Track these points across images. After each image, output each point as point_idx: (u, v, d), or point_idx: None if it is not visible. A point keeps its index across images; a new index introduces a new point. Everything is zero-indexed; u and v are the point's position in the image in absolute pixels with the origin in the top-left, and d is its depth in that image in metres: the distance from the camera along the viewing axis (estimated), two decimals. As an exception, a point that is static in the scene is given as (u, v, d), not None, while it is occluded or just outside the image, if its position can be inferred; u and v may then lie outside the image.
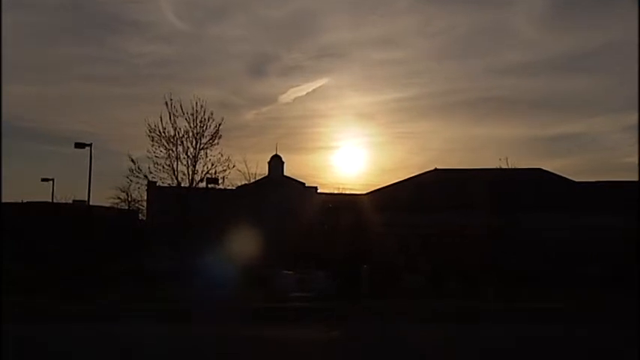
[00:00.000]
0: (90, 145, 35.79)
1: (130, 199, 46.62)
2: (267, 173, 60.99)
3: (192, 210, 40.09)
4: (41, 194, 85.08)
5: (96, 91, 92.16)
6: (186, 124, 39.07)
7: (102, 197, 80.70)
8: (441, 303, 24.72)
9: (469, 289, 30.18)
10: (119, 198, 47.36)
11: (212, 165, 38.93)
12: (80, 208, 43.80)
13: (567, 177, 43.99)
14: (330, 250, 38.89)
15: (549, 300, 25.56)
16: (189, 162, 38.87)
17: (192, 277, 31.82)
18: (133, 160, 38.43)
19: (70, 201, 49.82)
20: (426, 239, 37.81)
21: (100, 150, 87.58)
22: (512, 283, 31.68)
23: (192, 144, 39.01)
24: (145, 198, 48.75)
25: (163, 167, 38.45)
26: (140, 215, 50.56)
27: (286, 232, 42.08)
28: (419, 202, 41.05)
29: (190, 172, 38.89)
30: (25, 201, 52.74)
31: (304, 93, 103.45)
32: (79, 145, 36.12)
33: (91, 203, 37.66)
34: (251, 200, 44.36)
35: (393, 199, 42.77)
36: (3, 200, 36.09)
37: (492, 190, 40.09)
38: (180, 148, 38.89)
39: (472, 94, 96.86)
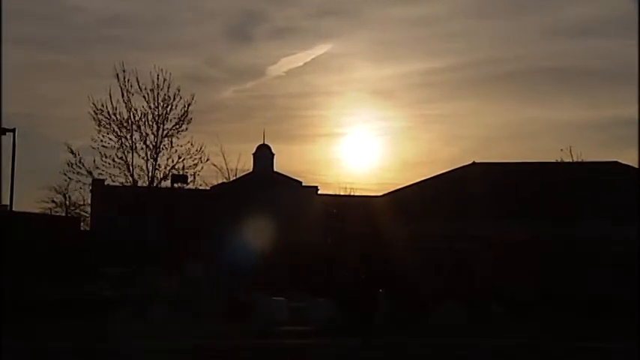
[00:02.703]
0: (13, 130, 35.75)
1: (68, 202, 47.03)
2: (251, 169, 61.21)
3: (153, 217, 40.22)
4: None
5: (22, 60, 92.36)
6: (145, 104, 39.39)
7: (30, 201, 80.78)
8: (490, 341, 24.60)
9: (521, 321, 30.28)
10: (53, 201, 47.84)
11: (179, 158, 39.26)
12: None
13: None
14: (334, 269, 39.23)
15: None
16: (149, 154, 39.19)
17: (150, 304, 31.97)
18: (72, 151, 38.67)
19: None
20: (462, 254, 37.88)
21: (28, 137, 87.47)
22: (578, 311, 31.76)
23: (152, 130, 39.32)
24: (89, 201, 49.03)
25: (114, 161, 38.73)
26: (82, 224, 50.73)
27: (277, 245, 42.20)
28: (452, 207, 41.15)
29: (150, 168, 39.19)
30: None
31: (301, 63, 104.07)
32: (-2, 131, 36.00)
33: (14, 209, 37.57)
34: (230, 204, 44.59)
35: (417, 202, 42.85)
36: None
37: (551, 191, 40.10)
38: (136, 136, 39.19)
39: (525, 63, 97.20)
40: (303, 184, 65.17)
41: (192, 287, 35.86)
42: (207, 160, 40.49)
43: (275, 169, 66.82)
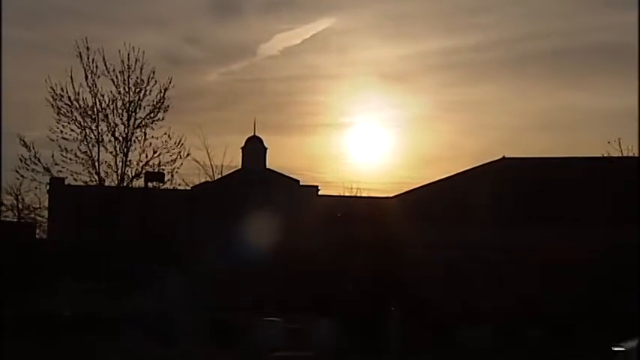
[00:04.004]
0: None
1: (21, 205, 46.64)
2: (240, 165, 61.11)
3: (123, 222, 40.19)
4: None
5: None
6: (113, 89, 39.10)
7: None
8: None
9: (568, 346, 30.21)
10: (3, 204, 47.28)
11: (154, 152, 38.99)
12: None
13: None
14: (338, 283, 39.10)
15: None
16: (118, 147, 38.96)
17: (120, 326, 31.95)
18: (26, 144, 38.48)
19: None
20: (490, 266, 37.83)
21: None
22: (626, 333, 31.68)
23: (122, 119, 39.12)
24: (47, 204, 48.77)
25: (76, 156, 38.35)
26: (38, 231, 50.51)
27: (270, 255, 42.12)
28: (478, 210, 40.96)
29: (120, 164, 38.95)
30: None
31: (298, 41, 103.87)
32: None
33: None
34: (215, 207, 44.61)
35: (436, 204, 42.76)
36: None
37: (597, 191, 39.89)
38: (103, 126, 38.93)
39: (564, 39, 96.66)
40: (301, 183, 65.16)
41: (172, 305, 35.83)
42: (188, 155, 40.07)
43: (268, 166, 66.76)
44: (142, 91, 39.36)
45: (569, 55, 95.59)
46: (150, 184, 39.35)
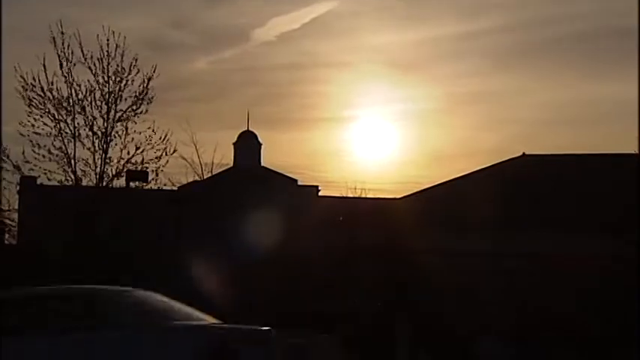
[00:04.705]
0: None
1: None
2: (232, 163, 61.47)
3: (102, 226, 40.10)
4: None
5: None
6: (91, 78, 39.15)
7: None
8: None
9: None
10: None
11: (137, 149, 39.19)
12: None
13: None
14: (339, 296, 38.78)
15: None
16: (97, 143, 39.11)
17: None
18: (-7, 140, 38.56)
19: None
20: (511, 276, 37.48)
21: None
22: None
23: (101, 112, 39.20)
24: (16, 206, 48.57)
25: (50, 152, 38.59)
26: (7, 236, 50.32)
27: (265, 263, 41.83)
28: (496, 212, 40.64)
29: (99, 162, 39.11)
30: None
31: (297, 25, 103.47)
32: None
33: None
34: (204, 208, 44.60)
35: (451, 207, 42.48)
36: None
37: (628, 191, 39.39)
38: (80, 120, 39.06)
39: (593, 22, 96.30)
40: (300, 182, 65.13)
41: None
42: (174, 151, 40.40)
43: (263, 164, 66.90)
44: (123, 81, 39.49)
45: (596, 42, 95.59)
46: (132, 184, 39.68)
